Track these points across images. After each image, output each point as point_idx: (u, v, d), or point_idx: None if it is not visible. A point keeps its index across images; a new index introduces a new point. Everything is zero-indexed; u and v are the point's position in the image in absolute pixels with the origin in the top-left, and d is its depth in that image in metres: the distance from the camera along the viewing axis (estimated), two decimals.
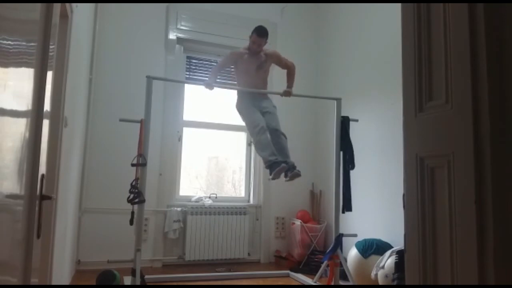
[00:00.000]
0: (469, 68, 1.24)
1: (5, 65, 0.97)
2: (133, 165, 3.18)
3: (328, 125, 4.45)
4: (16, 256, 1.17)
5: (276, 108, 3.83)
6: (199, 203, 4.55)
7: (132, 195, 3.11)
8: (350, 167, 3.70)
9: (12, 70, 1.04)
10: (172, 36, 4.62)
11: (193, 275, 3.85)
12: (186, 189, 4.75)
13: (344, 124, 3.78)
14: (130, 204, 3.13)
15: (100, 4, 4.33)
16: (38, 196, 1.34)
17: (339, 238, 3.60)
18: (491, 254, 1.14)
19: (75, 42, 2.89)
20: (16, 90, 1.10)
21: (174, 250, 4.42)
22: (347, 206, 3.65)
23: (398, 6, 1.61)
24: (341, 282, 3.57)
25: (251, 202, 4.91)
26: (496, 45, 1.21)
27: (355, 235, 3.78)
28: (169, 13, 4.64)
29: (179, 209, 4.40)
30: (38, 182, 1.33)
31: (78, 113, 3.54)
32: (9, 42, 0.98)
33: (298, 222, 4.63)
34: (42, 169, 1.40)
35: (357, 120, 3.90)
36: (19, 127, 1.15)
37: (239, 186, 5.02)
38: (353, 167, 3.70)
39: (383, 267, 3.27)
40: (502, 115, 1.19)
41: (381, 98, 4.03)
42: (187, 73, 4.80)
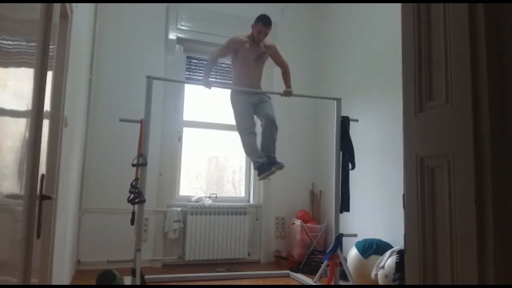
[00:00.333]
0: (469, 68, 1.24)
1: (5, 65, 0.97)
2: (134, 165, 3.18)
3: (328, 125, 4.45)
4: (16, 256, 1.17)
5: (270, 99, 3.82)
6: (199, 203, 4.55)
7: (132, 195, 3.11)
8: (350, 167, 3.70)
9: (12, 70, 1.04)
10: (172, 36, 4.63)
11: (193, 275, 3.85)
12: (186, 189, 4.75)
13: (344, 124, 3.78)
14: (130, 204, 3.13)
15: (100, 4, 4.33)
16: (38, 196, 1.34)
17: (339, 238, 3.60)
18: (491, 254, 1.14)
19: (75, 42, 2.89)
20: (16, 90, 1.10)
21: (174, 250, 4.42)
22: (345, 207, 3.65)
23: (398, 6, 1.61)
24: (341, 282, 3.57)
25: (251, 202, 4.91)
26: (496, 45, 1.21)
27: (355, 235, 3.78)
28: (169, 13, 4.64)
29: (179, 209, 4.40)
30: (38, 182, 1.33)
31: (78, 113, 3.54)
32: (9, 42, 0.98)
33: (298, 222, 4.64)
34: (42, 169, 1.40)
35: (357, 120, 3.90)
36: (19, 127, 1.15)
37: (239, 186, 5.02)
38: (354, 167, 3.70)
39: (383, 267, 3.27)
40: (502, 115, 1.19)
41: (381, 98, 4.03)
42: (187, 73, 4.80)
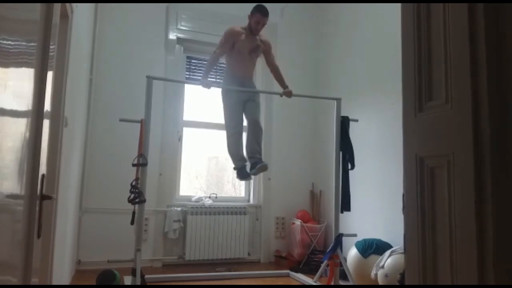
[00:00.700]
0: (469, 68, 1.24)
1: (5, 65, 0.97)
2: (134, 165, 3.18)
3: (328, 125, 4.45)
4: (16, 256, 1.17)
5: (259, 97, 3.86)
6: (199, 203, 4.55)
7: (133, 195, 3.12)
8: (350, 167, 3.71)
9: (12, 70, 1.04)
10: (172, 36, 4.62)
11: (193, 275, 3.85)
12: (186, 189, 4.75)
13: (344, 124, 3.78)
14: (131, 204, 3.13)
15: (100, 4, 4.33)
16: (38, 196, 1.34)
17: (339, 238, 3.60)
18: (491, 254, 1.14)
19: (75, 42, 2.89)
20: (16, 90, 1.10)
21: (174, 250, 4.42)
22: (346, 206, 3.65)
23: (398, 6, 1.61)
24: (341, 282, 3.57)
25: (251, 202, 4.91)
26: (496, 45, 1.21)
27: (355, 235, 3.78)
28: (169, 13, 4.64)
29: (179, 209, 4.41)
30: (38, 182, 1.33)
31: (78, 113, 3.54)
32: (9, 42, 0.98)
33: (298, 222, 4.64)
34: (42, 169, 1.40)
35: (357, 120, 3.90)
36: (19, 127, 1.15)
37: (239, 186, 5.02)
38: (353, 167, 3.70)
39: (383, 267, 3.27)
40: (502, 115, 1.19)
41: (381, 98, 4.03)
42: (187, 73, 4.80)
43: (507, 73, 1.20)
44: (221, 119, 4.79)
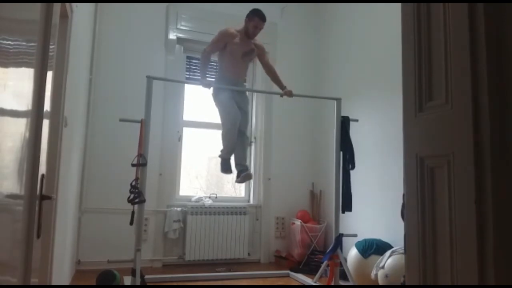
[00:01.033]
0: (469, 68, 1.24)
1: (5, 65, 0.97)
2: (134, 165, 3.18)
3: (328, 125, 4.45)
4: (16, 256, 1.17)
5: (249, 103, 3.89)
6: (199, 203, 4.55)
7: (133, 195, 3.12)
8: (351, 167, 3.70)
9: (12, 70, 1.04)
10: (172, 36, 4.62)
11: (193, 275, 3.85)
12: (186, 189, 4.75)
13: (344, 124, 3.78)
14: (130, 204, 3.13)
15: (100, 4, 4.33)
16: (38, 196, 1.34)
17: (339, 238, 3.60)
18: (491, 254, 1.14)
19: (75, 42, 2.89)
20: (16, 90, 1.10)
21: (174, 250, 4.42)
22: (347, 206, 3.65)
23: (398, 6, 1.61)
24: (341, 282, 3.57)
25: (251, 202, 4.91)
26: (496, 45, 1.21)
27: (355, 235, 3.78)
28: (169, 13, 4.64)
29: (179, 209, 4.40)
30: (38, 182, 1.33)
31: (78, 113, 3.54)
32: (9, 42, 0.98)
33: (298, 222, 4.64)
34: (42, 169, 1.40)
35: (357, 120, 3.90)
36: (19, 127, 1.15)
37: (239, 186, 5.02)
38: (354, 167, 3.70)
39: (383, 267, 3.27)
40: (502, 115, 1.19)
41: (381, 98, 4.03)
42: (187, 73, 4.80)
43: (507, 73, 1.20)
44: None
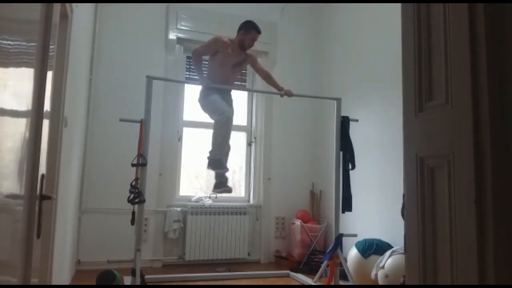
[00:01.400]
0: (469, 68, 1.24)
1: (5, 65, 0.97)
2: (134, 165, 3.18)
3: (328, 125, 4.45)
4: (16, 256, 1.17)
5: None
6: (199, 203, 4.55)
7: (132, 195, 3.12)
8: (351, 167, 3.70)
9: (12, 70, 1.04)
10: (172, 36, 4.62)
11: (193, 275, 3.85)
12: (186, 189, 4.75)
13: (344, 124, 3.78)
14: (130, 204, 3.13)
15: (100, 4, 4.33)
16: (38, 196, 1.34)
17: (339, 238, 3.60)
18: (491, 254, 1.14)
19: (75, 42, 2.89)
20: (16, 90, 1.10)
21: (174, 250, 4.42)
22: (347, 206, 3.65)
23: (398, 6, 1.61)
24: (341, 282, 3.57)
25: (251, 202, 4.91)
26: (496, 45, 1.21)
27: (355, 235, 3.78)
28: (169, 13, 4.64)
29: (179, 209, 4.40)
30: (38, 182, 1.33)
31: (78, 113, 3.54)
32: (9, 42, 0.98)
33: (298, 222, 4.63)
34: (42, 169, 1.40)
35: (357, 120, 3.90)
36: (19, 127, 1.15)
37: (239, 186, 5.02)
38: (354, 167, 3.70)
39: (383, 267, 3.27)
40: (502, 115, 1.19)
41: (381, 98, 4.03)
42: (187, 73, 4.80)
43: (507, 73, 1.20)
44: None
